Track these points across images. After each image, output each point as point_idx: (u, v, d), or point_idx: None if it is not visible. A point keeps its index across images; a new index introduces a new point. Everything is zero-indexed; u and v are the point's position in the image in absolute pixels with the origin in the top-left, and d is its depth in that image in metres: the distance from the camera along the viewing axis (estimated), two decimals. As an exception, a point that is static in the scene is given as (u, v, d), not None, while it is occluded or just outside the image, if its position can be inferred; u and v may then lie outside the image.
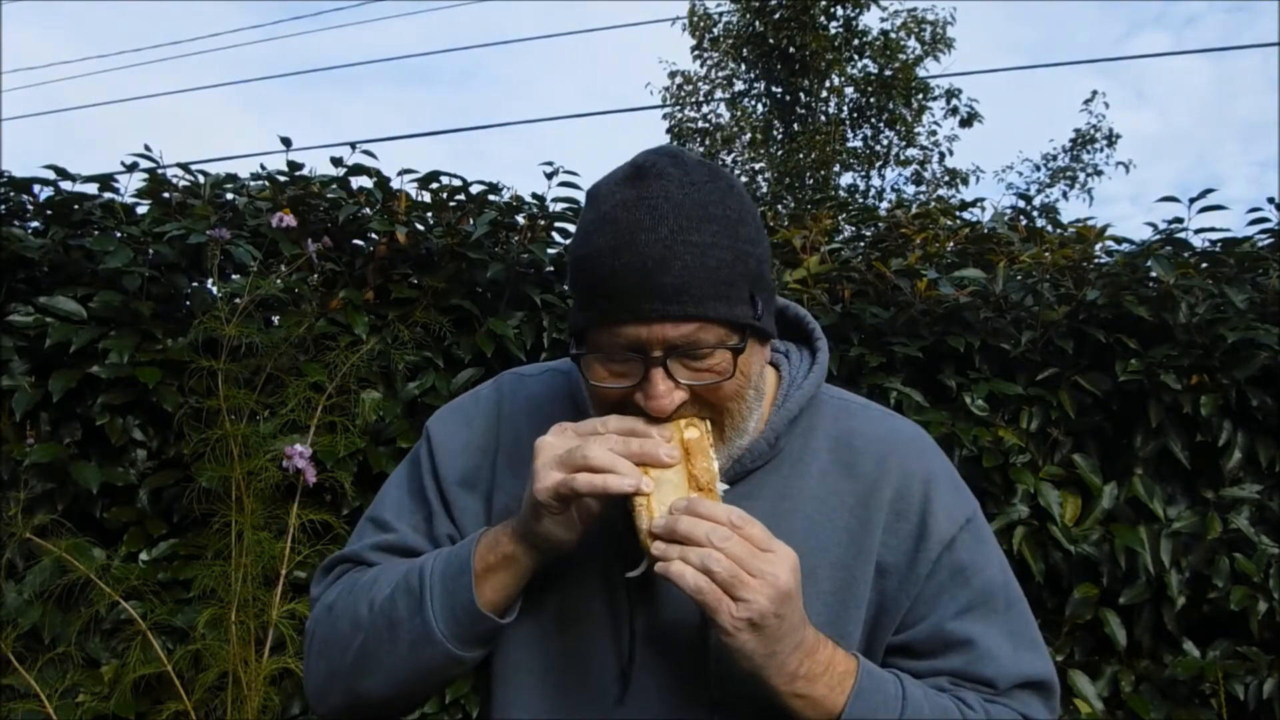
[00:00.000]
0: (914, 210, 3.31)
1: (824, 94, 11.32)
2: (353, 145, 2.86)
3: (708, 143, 11.77)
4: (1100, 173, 12.41)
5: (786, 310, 1.11)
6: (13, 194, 2.62)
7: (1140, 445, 2.53)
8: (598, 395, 0.96)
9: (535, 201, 2.83)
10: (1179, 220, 2.79)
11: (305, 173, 2.87)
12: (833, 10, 10.93)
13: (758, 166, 11.56)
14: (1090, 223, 3.00)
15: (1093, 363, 2.59)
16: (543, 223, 2.82)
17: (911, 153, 11.76)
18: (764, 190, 11.04)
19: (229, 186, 2.84)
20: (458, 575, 0.96)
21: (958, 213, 3.28)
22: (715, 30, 11.69)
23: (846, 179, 11.44)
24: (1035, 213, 8.92)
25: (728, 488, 0.95)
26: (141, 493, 2.46)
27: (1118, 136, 12.38)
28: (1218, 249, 2.75)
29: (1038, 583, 2.44)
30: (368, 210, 2.78)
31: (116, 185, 2.73)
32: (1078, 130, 12.45)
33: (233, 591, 2.27)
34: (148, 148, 2.78)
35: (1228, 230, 2.79)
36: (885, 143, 11.61)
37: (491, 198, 2.84)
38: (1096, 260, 2.84)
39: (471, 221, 2.76)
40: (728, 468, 0.99)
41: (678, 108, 12.02)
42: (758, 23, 10.99)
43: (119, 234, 2.58)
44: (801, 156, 10.59)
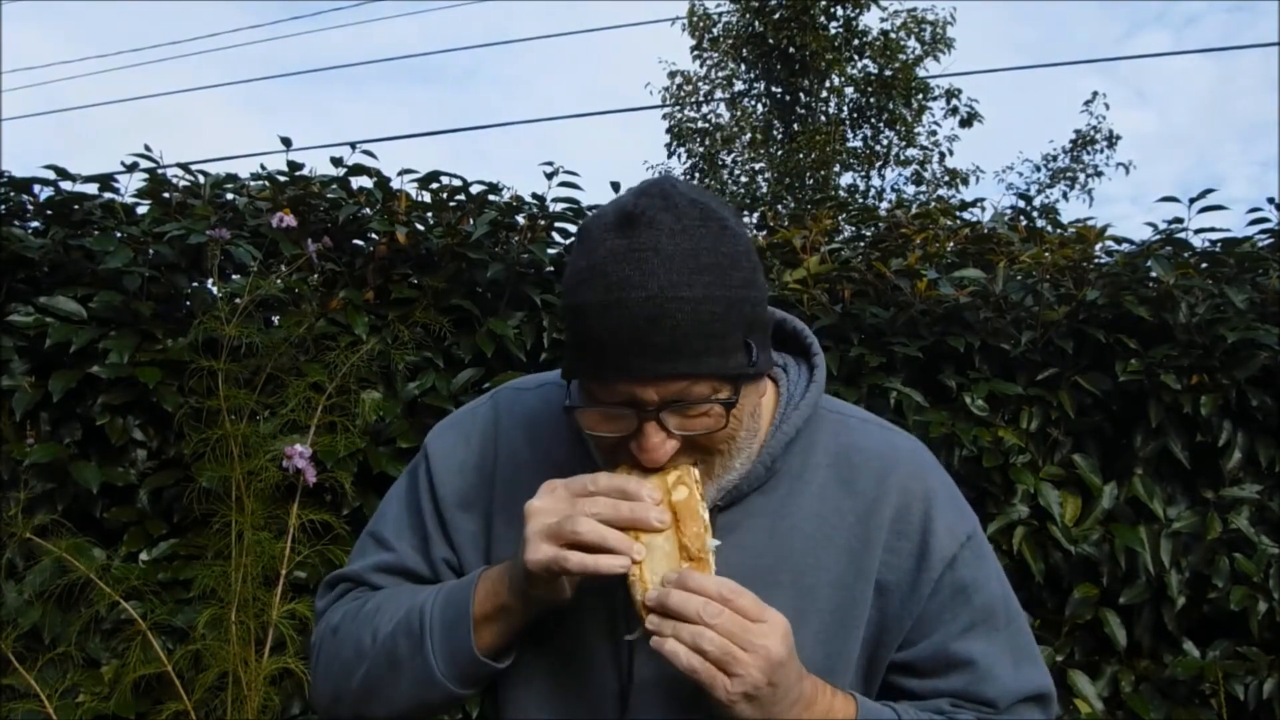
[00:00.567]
0: (914, 210, 3.31)
1: (824, 94, 11.32)
2: (353, 145, 2.86)
3: (707, 143, 11.77)
4: (1100, 174, 12.43)
5: (785, 323, 1.10)
6: (13, 194, 2.62)
7: (1140, 445, 2.53)
8: (593, 441, 0.97)
9: (535, 201, 2.83)
10: (1179, 220, 2.79)
11: (305, 173, 2.87)
12: (833, 10, 10.92)
13: (758, 166, 11.56)
14: (1090, 223, 3.00)
15: (1093, 363, 2.59)
16: (543, 223, 2.82)
17: (911, 153, 11.76)
18: (764, 190, 11.04)
19: (229, 186, 2.84)
20: (457, 621, 0.97)
21: (958, 213, 3.28)
22: (715, 30, 11.69)
23: (846, 179, 11.44)
24: (1035, 213, 8.91)
25: (719, 544, 0.94)
26: (141, 493, 2.46)
27: (1118, 138, 12.39)
28: (1218, 249, 2.75)
29: (1038, 583, 2.44)
30: (368, 210, 2.78)
31: (116, 185, 2.73)
32: (1078, 131, 12.46)
33: (233, 591, 2.27)
34: (148, 148, 2.78)
35: (1228, 230, 2.79)
36: (885, 143, 11.60)
37: (491, 198, 2.84)
38: (1096, 260, 2.84)
39: (471, 221, 2.76)
40: (720, 496, 0.99)
41: (677, 108, 12.02)
42: (757, 23, 10.99)
43: (119, 234, 2.58)
44: (801, 156, 10.58)
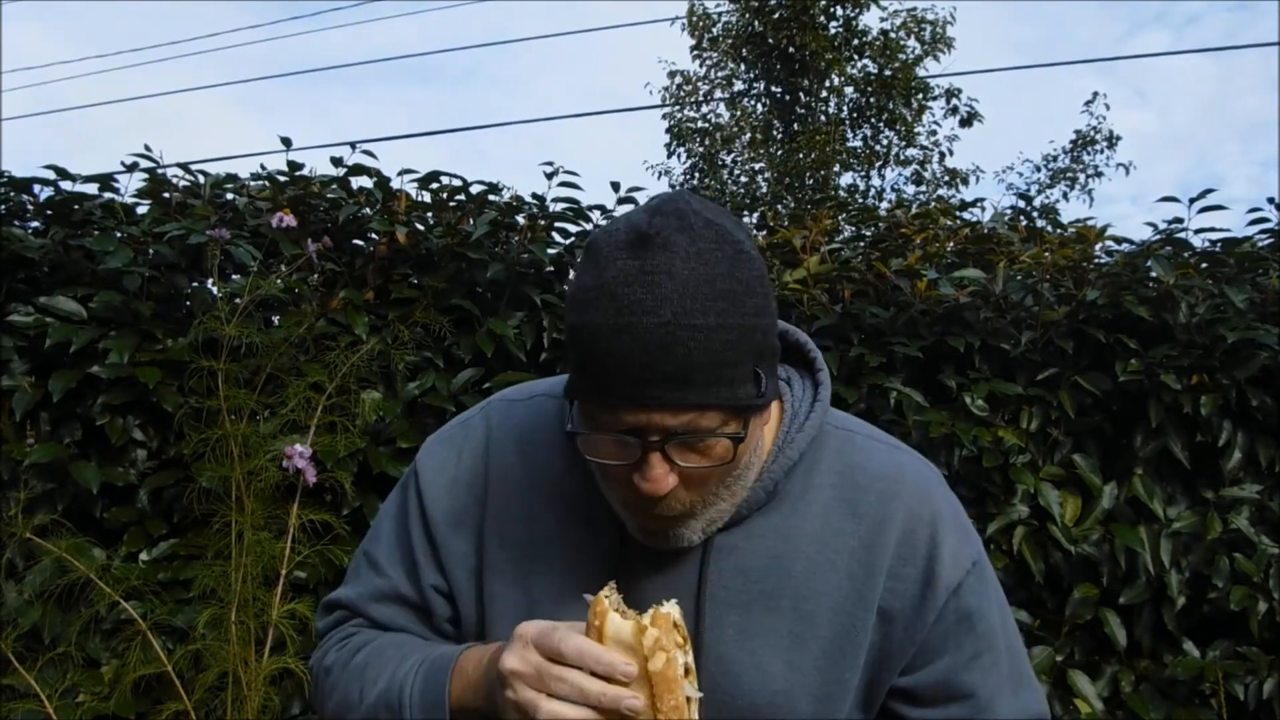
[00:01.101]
0: (914, 210, 3.31)
1: (824, 94, 11.32)
2: (353, 145, 2.86)
3: (707, 143, 11.77)
4: (1100, 174, 12.43)
5: (786, 334, 1.06)
6: (13, 194, 2.62)
7: (1140, 445, 2.53)
8: (592, 466, 0.95)
9: (535, 201, 2.83)
10: (1179, 220, 2.79)
11: (305, 173, 2.87)
12: (832, 10, 10.92)
13: (758, 166, 11.56)
14: (1090, 223, 3.00)
15: (1093, 363, 2.59)
16: (543, 223, 2.82)
17: (911, 153, 11.75)
18: (764, 190, 11.03)
19: (229, 186, 2.84)
20: (434, 706, 0.96)
21: (958, 213, 3.28)
22: (715, 30, 11.69)
23: (846, 179, 11.43)
24: (1035, 213, 8.91)
25: (701, 695, 0.88)
26: (141, 493, 2.46)
27: (1118, 138, 12.40)
28: (1218, 249, 2.75)
29: (1038, 583, 2.44)
30: (368, 210, 2.78)
31: (116, 185, 2.73)
32: (1078, 131, 12.46)
33: (233, 591, 2.27)
34: (148, 148, 2.78)
35: (1228, 230, 2.79)
36: (885, 143, 11.60)
37: (491, 198, 2.84)
38: (1096, 260, 2.84)
39: (471, 221, 2.76)
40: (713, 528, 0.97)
41: (677, 108, 12.02)
42: (757, 22, 10.99)
43: (119, 234, 2.58)
44: (801, 156, 10.58)
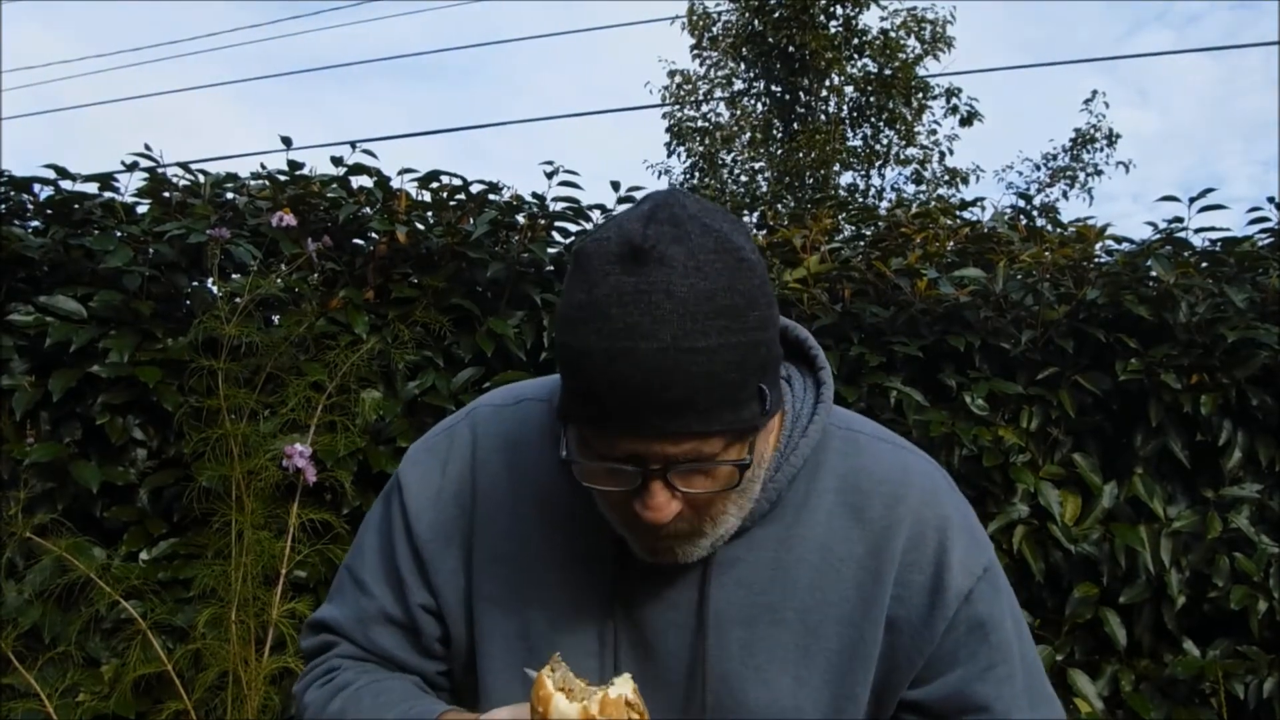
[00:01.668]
0: (914, 210, 3.31)
1: (824, 93, 11.31)
2: (353, 145, 2.86)
3: (707, 142, 11.77)
4: (1100, 172, 12.43)
5: (787, 331, 1.00)
6: (13, 193, 2.62)
7: (1140, 445, 2.53)
8: (591, 492, 0.90)
9: (535, 201, 2.83)
10: (1179, 219, 2.79)
11: (305, 172, 2.88)
12: (832, 9, 10.92)
13: (757, 166, 11.56)
14: (1091, 222, 3.01)
15: (1093, 362, 2.59)
16: (543, 222, 2.82)
17: (911, 152, 11.75)
18: (764, 189, 11.03)
19: (229, 186, 2.84)
20: None
21: (958, 212, 3.28)
22: (714, 29, 11.69)
23: (846, 178, 11.44)
24: (1035, 212, 8.91)
25: None
26: (141, 492, 2.46)
27: (1118, 136, 12.39)
28: (1218, 248, 2.75)
29: (1038, 582, 2.44)
30: (368, 210, 2.78)
31: (116, 185, 2.73)
32: (1078, 130, 12.46)
33: (233, 591, 2.27)
34: (148, 147, 2.78)
35: (1228, 230, 2.79)
36: (885, 142, 11.60)
37: (491, 197, 2.84)
38: (1096, 260, 2.84)
39: (471, 221, 2.76)
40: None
41: (677, 107, 12.02)
42: (757, 22, 10.98)
43: (119, 233, 2.58)
44: (801, 156, 10.58)
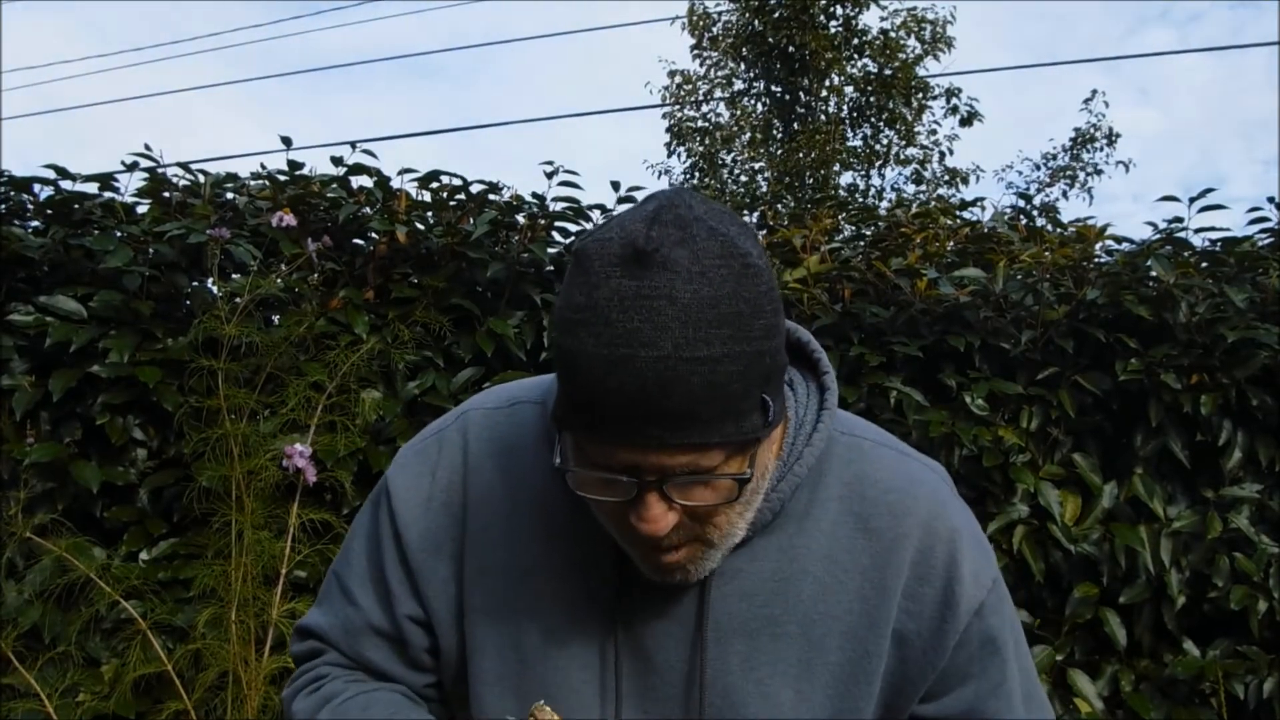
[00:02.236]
0: (914, 210, 3.31)
1: (824, 93, 11.32)
2: (353, 145, 2.86)
3: (707, 142, 11.77)
4: (1100, 172, 12.44)
5: (790, 334, 0.96)
6: (13, 193, 2.62)
7: (1140, 445, 2.53)
8: (586, 502, 0.87)
9: (535, 201, 2.83)
10: (1179, 219, 2.79)
11: (305, 172, 2.88)
12: (832, 9, 10.92)
13: (757, 166, 11.56)
14: (1091, 222, 3.01)
15: (1093, 362, 2.59)
16: (543, 222, 2.82)
17: (911, 152, 11.76)
18: (764, 189, 11.04)
19: (229, 186, 2.84)
20: None
21: (958, 212, 3.28)
22: (715, 29, 11.69)
23: (846, 178, 11.44)
24: (1035, 212, 8.92)
25: None
26: (141, 492, 2.46)
27: (1117, 136, 12.40)
28: (1218, 248, 2.75)
29: (1038, 582, 2.44)
30: (368, 210, 2.78)
31: (116, 185, 2.73)
32: (1078, 130, 12.47)
33: (233, 591, 2.27)
34: (148, 147, 2.78)
35: (1228, 230, 2.79)
36: (885, 142, 11.60)
37: (491, 197, 2.84)
38: (1096, 259, 2.84)
39: (471, 221, 2.76)
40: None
41: (677, 107, 12.02)
42: (757, 22, 10.99)
43: (119, 233, 2.58)
44: (801, 156, 10.58)
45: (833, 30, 10.96)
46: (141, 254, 2.55)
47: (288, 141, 2.92)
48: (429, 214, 2.84)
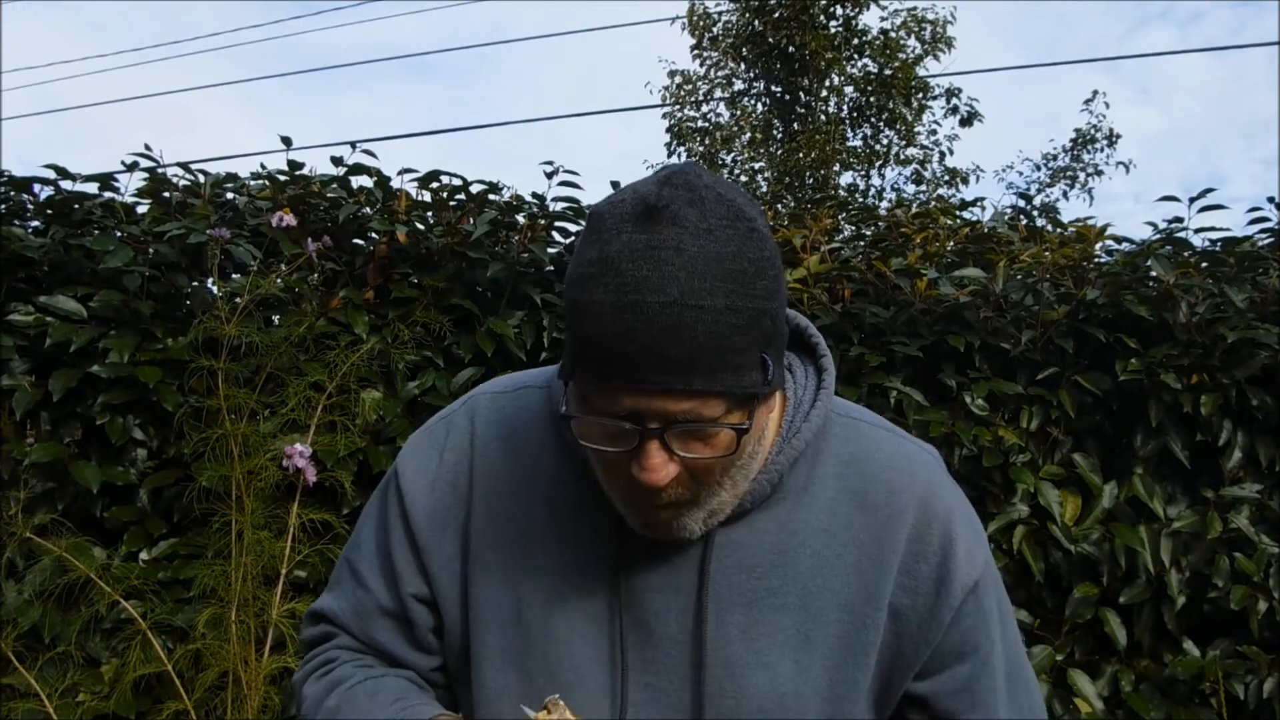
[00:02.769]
0: (914, 210, 3.31)
1: (824, 93, 11.33)
2: (353, 145, 2.86)
3: (707, 142, 11.77)
4: (1100, 173, 12.45)
5: (789, 319, 0.99)
6: (13, 193, 2.62)
7: (1140, 445, 2.53)
8: (588, 454, 0.89)
9: (535, 201, 2.83)
10: (1179, 219, 2.79)
11: (305, 172, 2.87)
12: (832, 9, 10.93)
13: (757, 166, 11.56)
14: (1091, 221, 3.01)
15: (1093, 362, 2.59)
16: (543, 222, 2.82)
17: (911, 152, 11.78)
18: (764, 190, 11.04)
19: (229, 186, 2.84)
20: None
21: (958, 212, 3.28)
22: (715, 29, 11.70)
23: (846, 178, 11.46)
24: (1035, 212, 8.92)
25: None
26: (141, 492, 2.46)
27: (1118, 136, 12.42)
28: (1218, 248, 2.75)
29: (1038, 582, 2.44)
30: (368, 210, 2.78)
31: (117, 185, 2.73)
32: (1078, 130, 12.48)
33: (233, 591, 2.27)
34: (148, 147, 2.78)
35: (1228, 230, 2.79)
36: (885, 142, 11.62)
37: (492, 197, 2.84)
38: (1096, 259, 2.84)
39: (471, 221, 2.76)
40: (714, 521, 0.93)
41: (677, 107, 12.03)
42: (757, 22, 10.99)
43: (119, 233, 2.58)
44: (801, 156, 10.59)
45: (833, 30, 10.97)
46: (141, 254, 2.55)
47: (288, 141, 2.92)
48: (429, 214, 2.84)
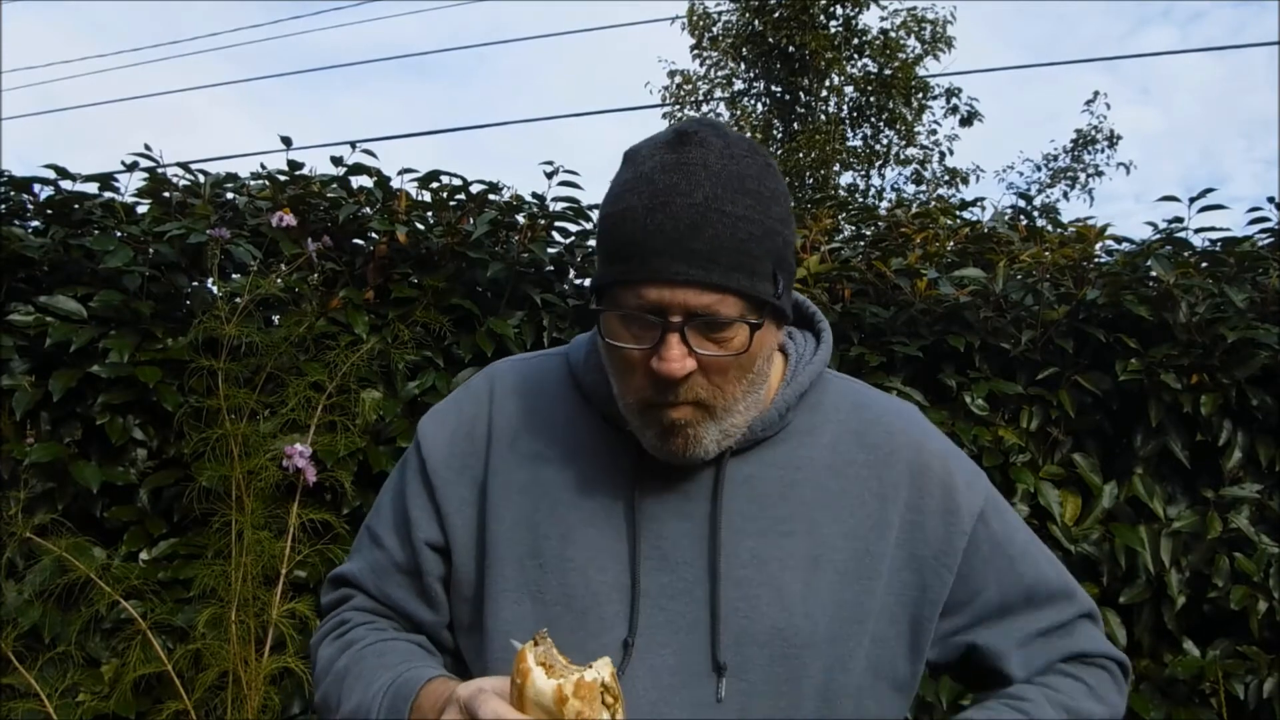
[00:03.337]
0: (914, 209, 3.31)
1: (824, 93, 11.32)
2: (353, 144, 2.86)
3: (707, 142, 11.75)
4: (1101, 173, 12.45)
5: None
6: (13, 193, 2.62)
7: (1140, 445, 2.53)
8: (612, 355, 0.96)
9: (535, 201, 2.83)
10: (1179, 219, 2.79)
11: (305, 172, 2.87)
12: (832, 9, 10.92)
13: (757, 166, 11.54)
14: (1092, 221, 3.01)
15: (1093, 362, 2.59)
16: (543, 222, 2.82)
17: (911, 152, 11.77)
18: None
19: (229, 186, 2.84)
20: None
21: (958, 212, 3.28)
22: (715, 29, 11.69)
23: (846, 178, 11.46)
24: (1035, 212, 8.92)
25: None
26: (141, 492, 2.46)
27: (1119, 138, 12.42)
28: (1218, 248, 2.75)
29: (1038, 582, 2.44)
30: (368, 210, 2.78)
31: (116, 185, 2.73)
32: (1079, 131, 12.48)
33: (233, 591, 2.27)
34: (148, 147, 2.78)
35: (1228, 230, 2.79)
36: (885, 142, 11.61)
37: (491, 197, 2.84)
38: (1096, 259, 2.84)
39: (471, 221, 2.76)
40: (729, 442, 0.98)
41: (677, 107, 12.02)
42: (757, 22, 10.99)
43: (119, 233, 2.58)
44: (801, 156, 10.58)
45: (833, 30, 10.96)
46: (141, 254, 2.55)
47: (288, 141, 2.92)
48: (429, 214, 2.84)
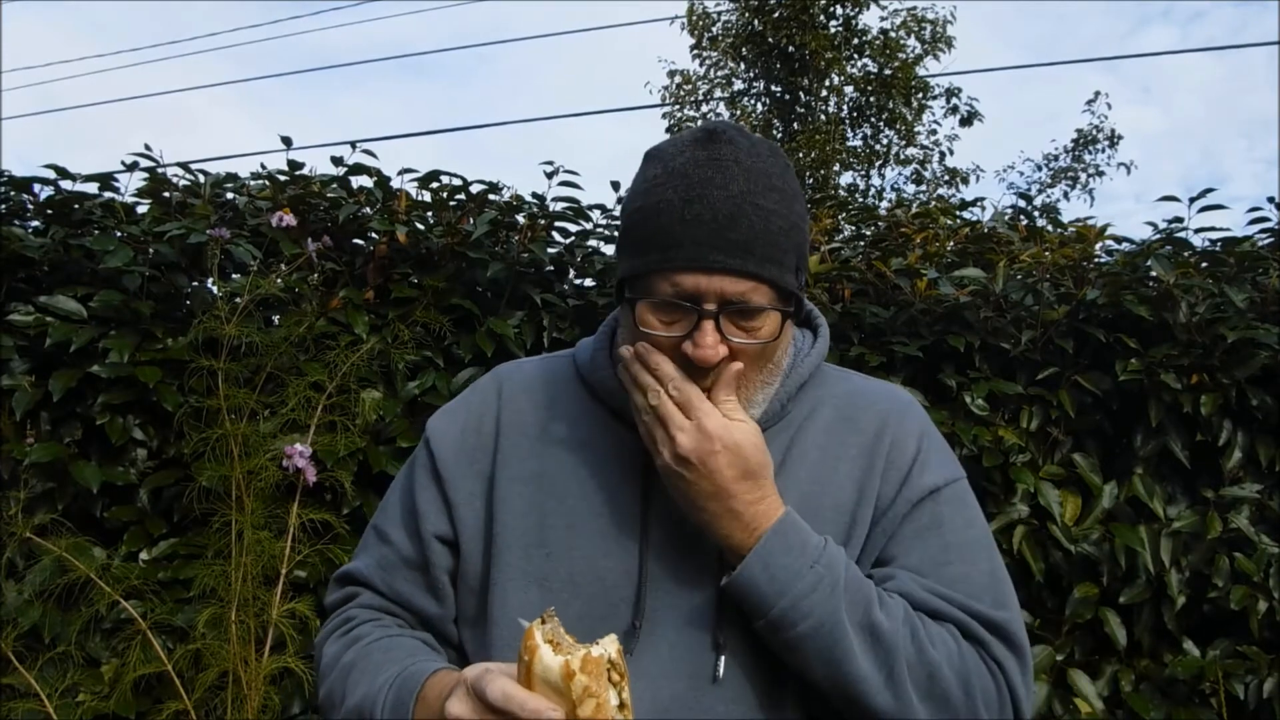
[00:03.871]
0: (914, 209, 3.31)
1: (823, 93, 11.32)
2: (353, 145, 2.86)
3: (707, 142, 11.74)
4: (1101, 173, 12.45)
5: None
6: (13, 193, 2.62)
7: (1140, 445, 2.53)
8: (644, 342, 0.99)
9: (535, 201, 2.83)
10: (1179, 219, 2.79)
11: (305, 172, 2.87)
12: (832, 9, 10.92)
13: (758, 166, 11.53)
14: (1092, 221, 3.01)
15: (1093, 362, 2.59)
16: (543, 222, 2.82)
17: (911, 152, 11.78)
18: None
19: (229, 186, 2.84)
20: None
21: (958, 212, 3.28)
22: (714, 29, 11.69)
23: (846, 178, 11.46)
24: (1036, 212, 8.92)
25: None
26: (141, 492, 2.46)
27: (1119, 138, 12.42)
28: (1218, 248, 2.75)
29: (1038, 582, 2.44)
30: (368, 210, 2.78)
31: (117, 184, 2.73)
32: (1079, 131, 12.48)
33: (233, 591, 2.27)
34: (148, 147, 2.78)
35: (1228, 230, 2.79)
36: (885, 142, 11.62)
37: (491, 197, 2.84)
38: (1097, 259, 2.84)
39: (471, 221, 2.76)
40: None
41: (677, 107, 12.02)
42: (757, 22, 10.99)
43: (119, 233, 2.58)
44: (801, 156, 10.58)
45: (833, 30, 10.96)
46: (141, 254, 2.55)
47: (288, 141, 2.92)
48: (429, 214, 2.84)
